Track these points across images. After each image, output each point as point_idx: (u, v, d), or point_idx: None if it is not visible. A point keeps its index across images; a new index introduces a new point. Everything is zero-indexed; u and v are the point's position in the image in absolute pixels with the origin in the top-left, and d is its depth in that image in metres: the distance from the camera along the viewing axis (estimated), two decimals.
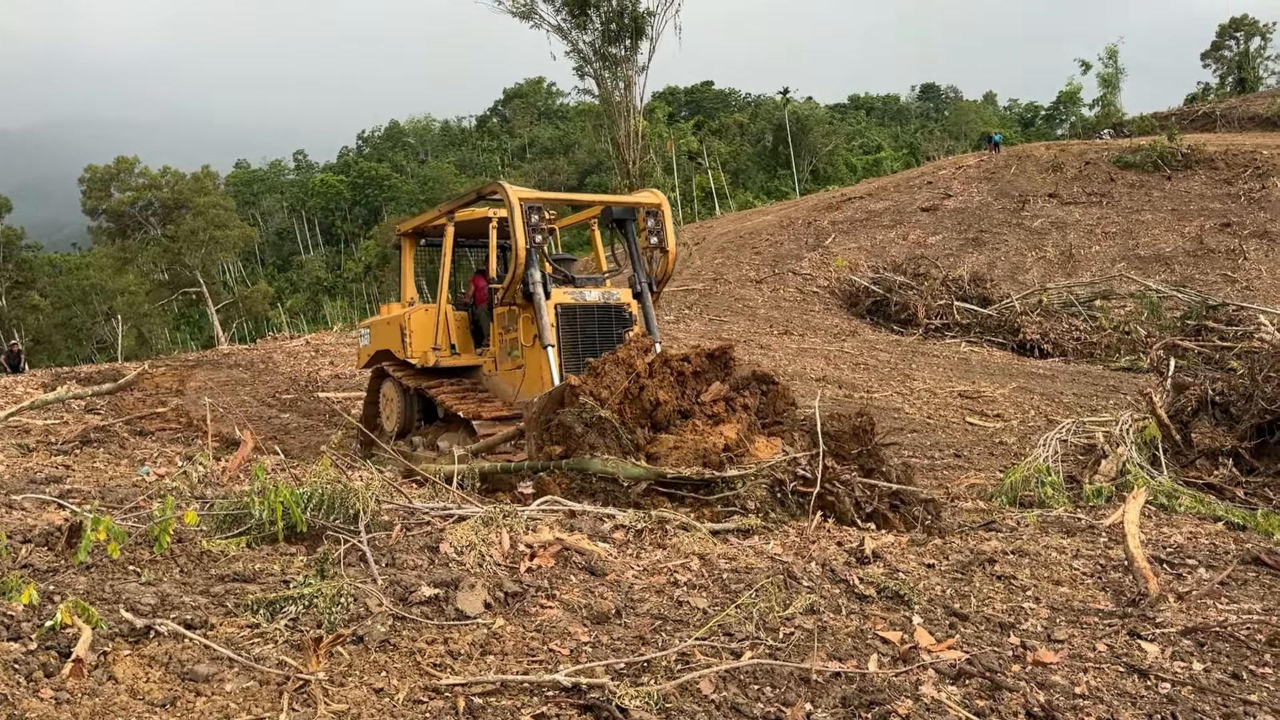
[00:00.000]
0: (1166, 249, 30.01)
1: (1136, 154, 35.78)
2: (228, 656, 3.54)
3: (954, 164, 42.01)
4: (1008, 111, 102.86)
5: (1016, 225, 33.19)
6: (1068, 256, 30.53)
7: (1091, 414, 13.71)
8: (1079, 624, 4.68)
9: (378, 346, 10.83)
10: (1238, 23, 66.44)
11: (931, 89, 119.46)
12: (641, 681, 3.57)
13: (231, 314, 58.83)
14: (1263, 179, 32.43)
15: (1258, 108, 43.63)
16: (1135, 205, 33.15)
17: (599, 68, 31.09)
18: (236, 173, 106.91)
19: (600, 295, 9.18)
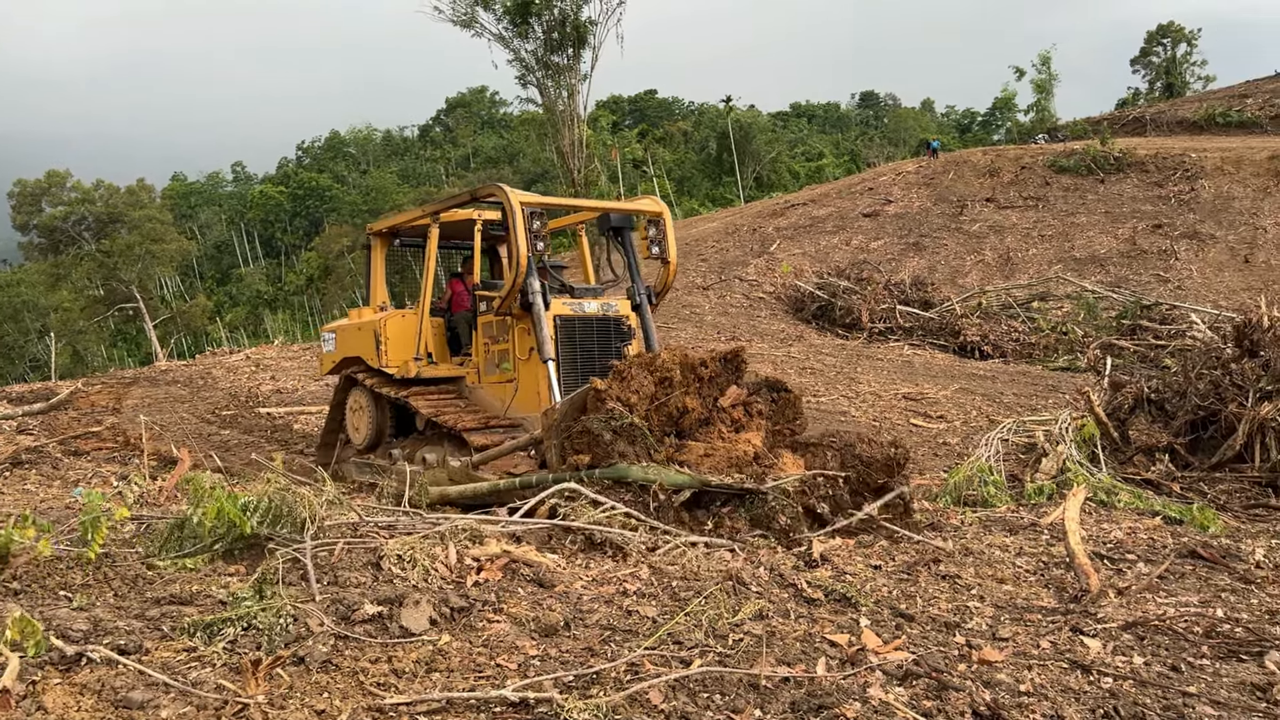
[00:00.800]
0: (1101, 251, 30.68)
1: (1070, 158, 36.56)
2: (163, 682, 3.44)
3: (894, 170, 42.59)
4: (945, 118, 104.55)
5: (955, 230, 33.72)
6: (1005, 259, 31.08)
7: (1031, 413, 13.95)
8: (1023, 622, 4.74)
9: (345, 353, 10.28)
10: (1165, 29, 68.29)
11: (871, 96, 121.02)
12: (590, 694, 3.54)
13: (170, 329, 57.59)
14: (1191, 181, 33.32)
15: (1185, 112, 44.81)
16: (1070, 208, 33.86)
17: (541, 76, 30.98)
18: (173, 185, 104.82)
19: (600, 307, 8.79)
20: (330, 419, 10.72)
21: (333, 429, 10.68)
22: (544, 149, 38.83)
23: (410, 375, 9.27)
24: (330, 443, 10.71)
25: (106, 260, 55.23)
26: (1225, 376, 9.87)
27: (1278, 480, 9.10)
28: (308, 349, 24.78)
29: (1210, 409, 9.88)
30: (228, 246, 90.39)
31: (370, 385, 9.68)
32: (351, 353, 10.16)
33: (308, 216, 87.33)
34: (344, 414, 10.42)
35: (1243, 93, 44.51)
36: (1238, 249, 29.20)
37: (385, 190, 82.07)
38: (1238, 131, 39.99)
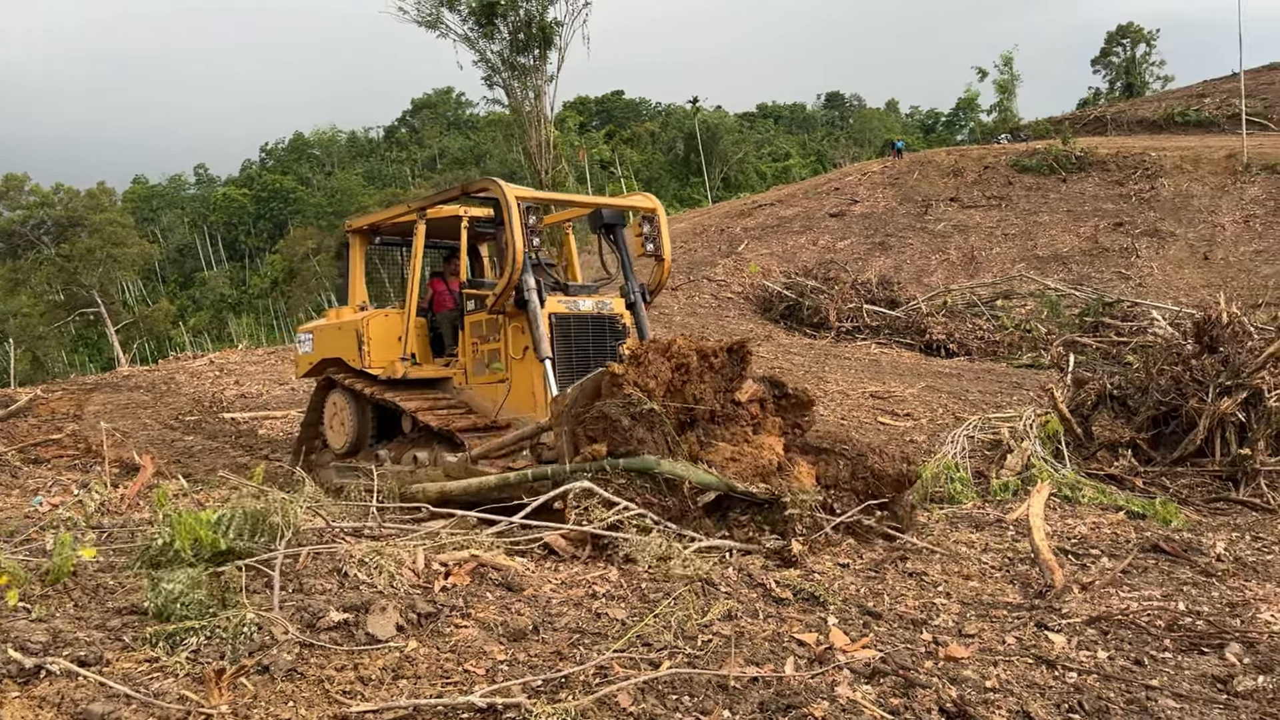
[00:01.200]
0: (1063, 249, 31.05)
1: (1033, 158, 36.96)
2: (124, 693, 3.39)
3: (860, 170, 42.86)
4: (910, 118, 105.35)
5: (920, 229, 33.99)
6: (970, 258, 31.37)
7: (996, 411, 14.08)
8: (989, 618, 4.78)
9: (324, 354, 9.93)
10: (1124, 30, 69.23)
11: (836, 97, 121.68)
12: (559, 698, 3.53)
13: (132, 334, 56.79)
14: (1152, 180, 33.81)
15: (1145, 111, 45.48)
16: (1033, 207, 34.23)
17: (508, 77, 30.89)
18: (134, 188, 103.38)
19: (594, 305, 8.53)
20: (306, 423, 10.44)
21: (309, 433, 10.38)
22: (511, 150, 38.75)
23: (397, 376, 9.01)
24: (306, 448, 10.38)
25: (67, 264, 54.36)
26: (1186, 372, 10.01)
27: (1238, 474, 9.24)
28: (273, 353, 24.54)
29: (1171, 405, 10.02)
30: (191, 250, 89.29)
31: (353, 387, 9.39)
32: (331, 354, 9.85)
33: (272, 219, 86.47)
34: (322, 417, 10.11)
35: (1200, 92, 45.23)
36: (1197, 246, 29.65)
37: (350, 192, 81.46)
38: (1196, 130, 40.63)
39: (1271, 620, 4.89)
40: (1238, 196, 31.62)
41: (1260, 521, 8.24)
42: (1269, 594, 5.66)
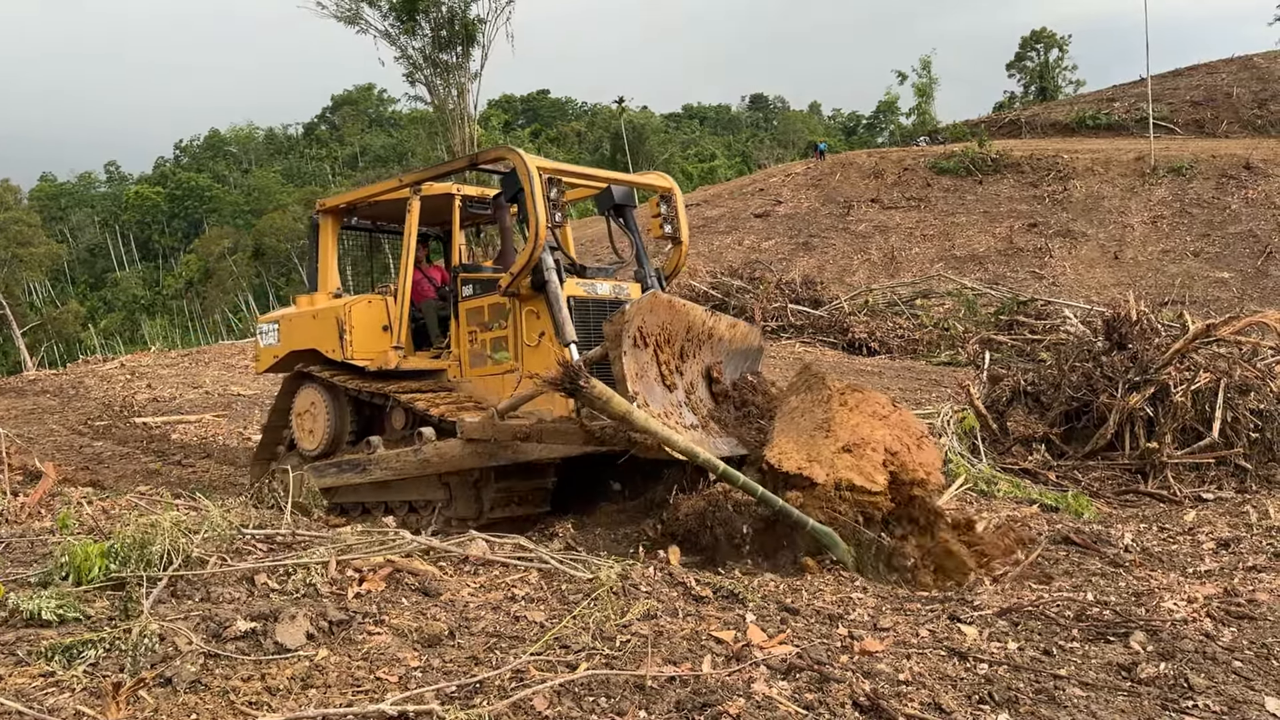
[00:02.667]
0: (980, 249, 31.81)
1: (950, 160, 37.78)
2: (16, 710, 3.25)
3: (784, 172, 43.36)
4: (832, 120, 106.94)
5: (843, 230, 34.52)
6: (890, 258, 31.94)
7: (916, 407, 14.33)
8: (903, 611, 4.85)
9: (293, 346, 9.04)
10: (1038, 35, 71.10)
11: (760, 99, 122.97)
12: (473, 704, 3.47)
13: (40, 337, 54.75)
14: (1064, 181, 34.82)
15: (1058, 115, 46.80)
16: (950, 208, 34.99)
17: (430, 74, 30.54)
18: (41, 186, 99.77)
19: (612, 289, 7.87)
20: (270, 424, 9.56)
21: (274, 436, 9.54)
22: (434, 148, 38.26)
23: (390, 367, 8.28)
24: (269, 455, 9.56)
25: None
26: (1097, 369, 10.32)
27: (1146, 467, 9.55)
28: (187, 355, 23.89)
29: (1083, 400, 10.32)
30: (102, 250, 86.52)
31: (337, 381, 8.57)
32: (302, 345, 8.97)
33: (187, 218, 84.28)
34: (289, 417, 9.21)
35: (1110, 96, 46.68)
36: (1108, 246, 30.63)
37: (268, 190, 79.75)
38: (1106, 134, 41.94)
39: (1174, 609, 5.04)
40: (1146, 198, 32.74)
41: (1166, 513, 8.53)
42: (1172, 583, 5.85)
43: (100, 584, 4.49)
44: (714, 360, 7.21)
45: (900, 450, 5.94)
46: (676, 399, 6.55)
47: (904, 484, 5.86)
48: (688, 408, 6.62)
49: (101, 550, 4.59)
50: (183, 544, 4.75)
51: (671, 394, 6.52)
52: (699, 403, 6.86)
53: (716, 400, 7.08)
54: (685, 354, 6.87)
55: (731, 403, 7.08)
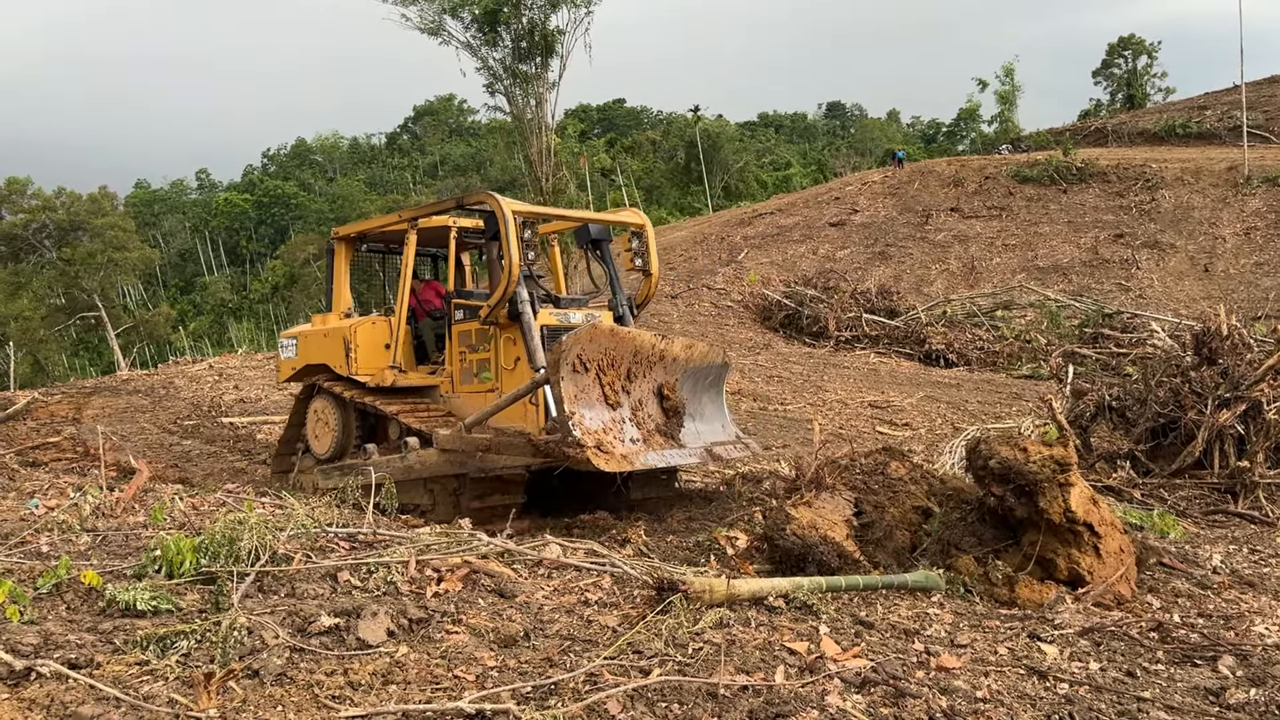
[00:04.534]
0: (1064, 260, 31.09)
1: (1034, 168, 37.04)
2: (114, 696, 3.39)
3: (860, 180, 42.96)
4: (911, 128, 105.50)
5: (921, 239, 34.04)
6: (970, 268, 31.40)
7: (995, 421, 14.09)
8: (981, 628, 4.77)
9: (308, 360, 9.96)
10: (1126, 41, 69.34)
11: (837, 107, 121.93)
12: (548, 705, 3.52)
13: (132, 338, 56.79)
14: (1152, 191, 33.87)
15: (1146, 123, 45.59)
16: (1033, 218, 34.29)
17: (509, 85, 30.94)
18: (136, 193, 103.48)
19: (584, 317, 8.69)
20: (289, 428, 10.44)
21: (291, 438, 10.39)
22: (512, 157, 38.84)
23: (386, 384, 9.05)
24: (288, 453, 10.42)
25: (68, 269, 54.35)
26: (1185, 384, 10.01)
27: (1236, 487, 9.23)
28: (272, 358, 24.55)
29: (1170, 416, 10.02)
30: (192, 255, 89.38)
31: (339, 393, 9.42)
32: (316, 359, 9.87)
33: (273, 224, 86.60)
34: (304, 422, 10.09)
35: (1201, 104, 45.33)
36: (1197, 258, 29.69)
37: (352, 198, 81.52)
38: (1197, 142, 40.70)
39: (1266, 633, 4.88)
40: (1239, 209, 31.68)
41: (1258, 534, 8.23)
42: (1264, 607, 5.65)
43: (191, 577, 4.66)
44: (666, 378, 7.94)
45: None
46: (620, 415, 7.32)
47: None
48: (632, 423, 7.42)
49: (192, 545, 4.77)
50: (269, 541, 4.90)
51: (614, 411, 7.29)
52: (646, 418, 7.65)
53: (667, 415, 7.87)
54: (633, 375, 7.62)
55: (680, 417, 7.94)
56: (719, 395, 8.77)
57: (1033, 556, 5.72)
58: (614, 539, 7.02)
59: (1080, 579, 5.64)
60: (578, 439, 6.76)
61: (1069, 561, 5.69)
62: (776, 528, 5.79)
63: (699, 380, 8.34)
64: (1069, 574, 5.68)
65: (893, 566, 5.77)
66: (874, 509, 6.22)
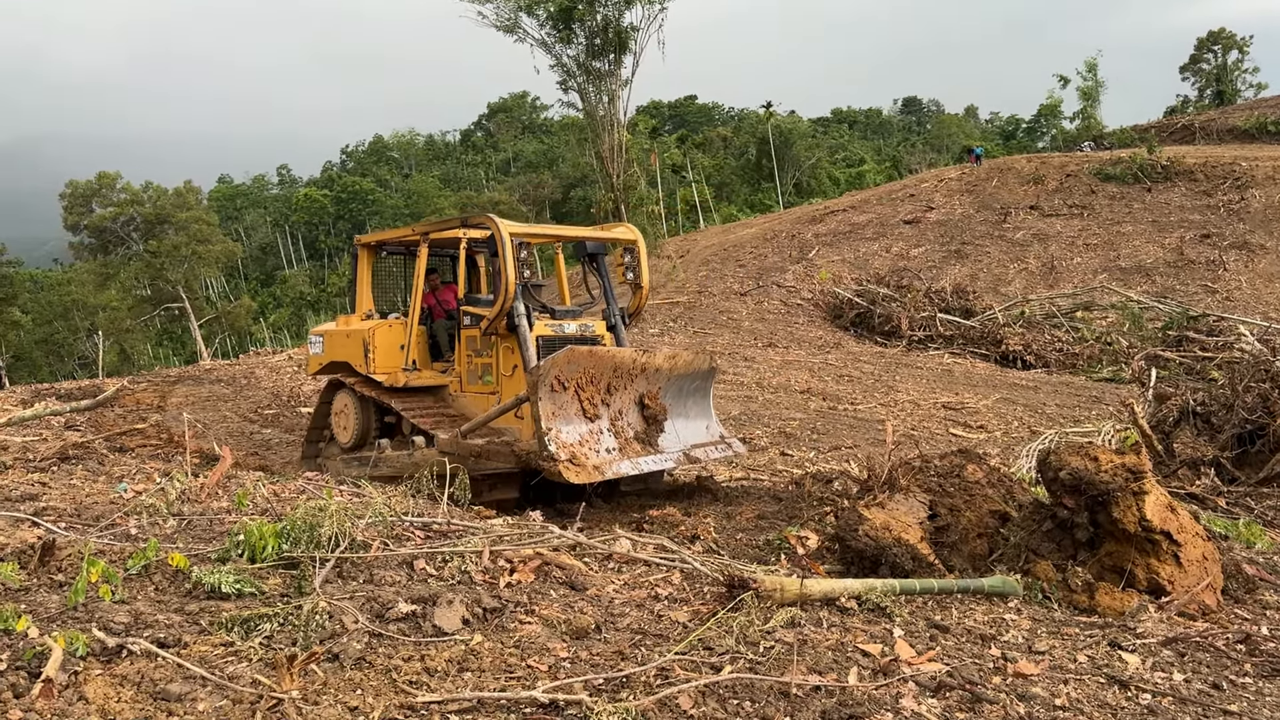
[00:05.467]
0: (1147, 260, 30.21)
1: (1117, 166, 36.07)
2: (200, 675, 3.50)
3: (936, 177, 42.26)
4: (989, 125, 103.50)
5: (998, 237, 33.37)
6: (1049, 268, 30.70)
7: (1074, 425, 13.76)
8: (1060, 635, 4.68)
9: (333, 357, 10.66)
10: (1215, 36, 67.13)
11: (913, 102, 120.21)
12: (620, 697, 3.54)
13: (214, 329, 58.43)
14: (1241, 190, 32.74)
15: (1236, 120, 44.07)
16: (1116, 217, 33.39)
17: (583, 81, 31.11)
18: (219, 188, 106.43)
19: (578, 328, 9.34)
20: (315, 419, 11.06)
21: (318, 428, 11.00)
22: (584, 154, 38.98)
23: (399, 385, 9.74)
24: (316, 440, 11.03)
25: (154, 261, 56.08)
26: (1274, 390, 9.68)
27: None
28: None
29: (1258, 423, 9.69)
30: (272, 248, 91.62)
31: (361, 391, 10.08)
32: (339, 358, 10.52)
33: (351, 220, 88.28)
34: (330, 414, 10.75)
35: None
36: None
37: (427, 194, 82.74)
38: None
39: None
40: None
41: None
42: None
43: (273, 562, 4.79)
44: (649, 388, 8.58)
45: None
46: (598, 427, 8.02)
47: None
48: (610, 433, 8.09)
49: (275, 531, 4.89)
50: (348, 528, 5.02)
51: (593, 423, 8.00)
52: (625, 426, 8.31)
53: (647, 422, 8.51)
54: (614, 388, 8.28)
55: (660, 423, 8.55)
56: (705, 399, 9.36)
57: (1110, 566, 5.59)
58: (683, 535, 7.04)
59: (1161, 588, 5.49)
60: (552, 454, 7.42)
61: (1147, 571, 5.55)
62: (849, 528, 5.74)
63: (684, 386, 8.98)
64: (1148, 583, 5.54)
65: (968, 571, 5.68)
66: (949, 512, 6.13)
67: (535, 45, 30.68)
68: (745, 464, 11.90)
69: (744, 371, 19.35)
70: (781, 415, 15.17)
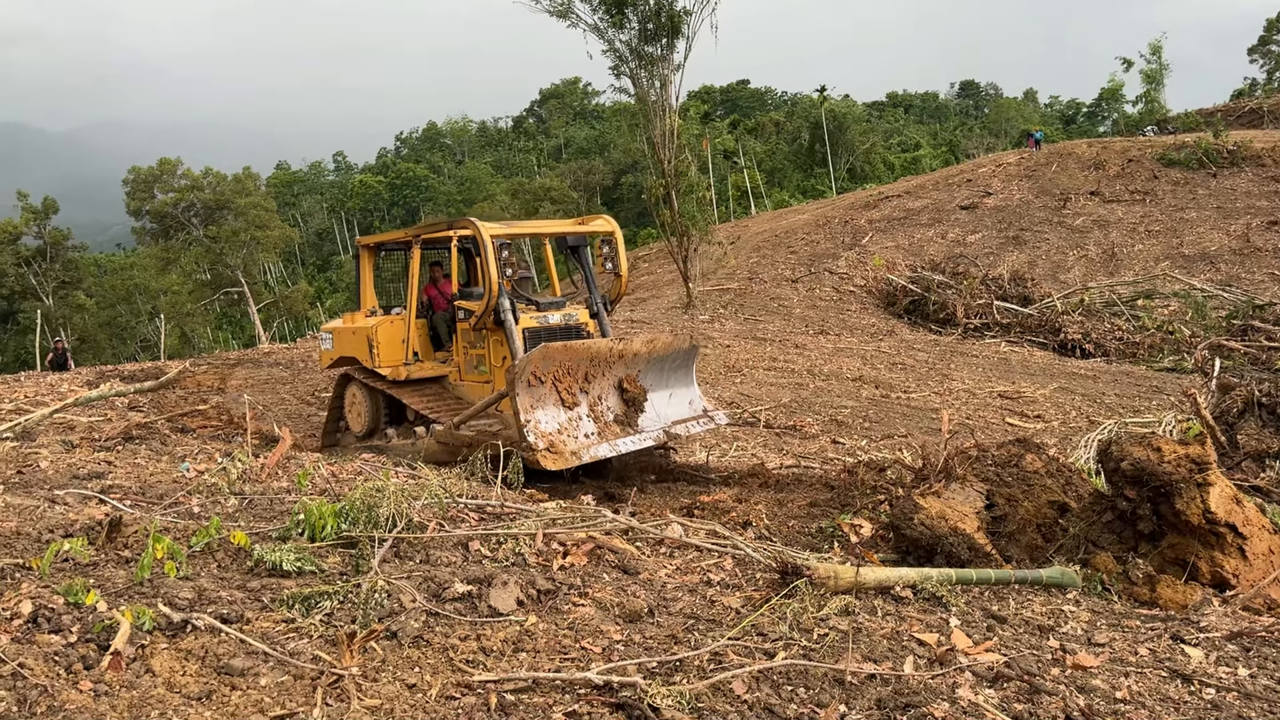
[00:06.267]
0: (1212, 247, 29.47)
1: (1181, 151, 35.20)
2: (263, 651, 3.57)
3: (994, 162, 41.57)
4: (1049, 108, 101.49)
5: (1058, 223, 32.76)
6: (1110, 255, 30.07)
7: (1134, 415, 13.50)
8: (1120, 628, 4.59)
9: (342, 352, 11.28)
10: None
11: (971, 86, 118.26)
12: (673, 681, 3.55)
13: (272, 313, 59.45)
14: None
15: None
16: (1179, 203, 32.60)
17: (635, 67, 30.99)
18: (277, 174, 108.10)
19: (562, 318, 9.88)
20: (331, 409, 11.67)
21: (334, 418, 11.62)
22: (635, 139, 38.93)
23: (401, 378, 10.36)
24: (334, 429, 11.60)
25: (213, 246, 57.08)
26: None
27: None
28: None
29: None
30: (329, 234, 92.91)
31: (369, 384, 10.71)
32: (347, 353, 11.11)
33: (405, 206, 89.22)
34: (343, 404, 11.36)
35: None
36: None
37: (479, 181, 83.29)
38: None
39: None
40: None
41: None
42: None
43: (332, 541, 4.87)
44: (628, 373, 9.03)
45: None
46: (576, 414, 8.51)
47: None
48: (589, 419, 8.60)
49: (334, 510, 4.98)
50: (405, 509, 5.08)
51: (570, 411, 8.48)
52: (605, 410, 8.80)
53: (627, 404, 8.98)
54: (591, 376, 8.75)
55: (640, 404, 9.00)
56: (688, 375, 9.82)
57: (1172, 559, 5.47)
58: (735, 521, 7.03)
59: (1225, 582, 5.37)
60: (531, 444, 7.94)
61: (1211, 564, 5.43)
62: (904, 517, 5.70)
63: (664, 367, 9.46)
64: (1212, 577, 5.42)
65: (1025, 561, 5.61)
66: (1006, 502, 6.05)
67: (588, 30, 30.62)
68: (796, 451, 11.85)
69: (795, 359, 19.24)
70: (833, 403, 15.07)
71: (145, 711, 3.11)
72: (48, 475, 7.52)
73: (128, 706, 3.13)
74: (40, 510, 5.70)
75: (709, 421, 9.76)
